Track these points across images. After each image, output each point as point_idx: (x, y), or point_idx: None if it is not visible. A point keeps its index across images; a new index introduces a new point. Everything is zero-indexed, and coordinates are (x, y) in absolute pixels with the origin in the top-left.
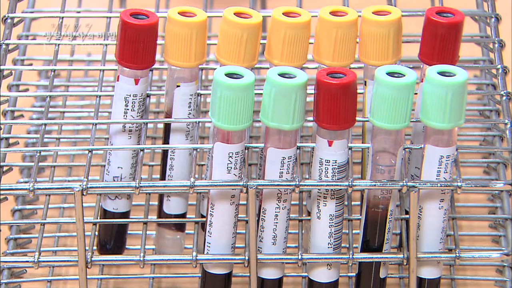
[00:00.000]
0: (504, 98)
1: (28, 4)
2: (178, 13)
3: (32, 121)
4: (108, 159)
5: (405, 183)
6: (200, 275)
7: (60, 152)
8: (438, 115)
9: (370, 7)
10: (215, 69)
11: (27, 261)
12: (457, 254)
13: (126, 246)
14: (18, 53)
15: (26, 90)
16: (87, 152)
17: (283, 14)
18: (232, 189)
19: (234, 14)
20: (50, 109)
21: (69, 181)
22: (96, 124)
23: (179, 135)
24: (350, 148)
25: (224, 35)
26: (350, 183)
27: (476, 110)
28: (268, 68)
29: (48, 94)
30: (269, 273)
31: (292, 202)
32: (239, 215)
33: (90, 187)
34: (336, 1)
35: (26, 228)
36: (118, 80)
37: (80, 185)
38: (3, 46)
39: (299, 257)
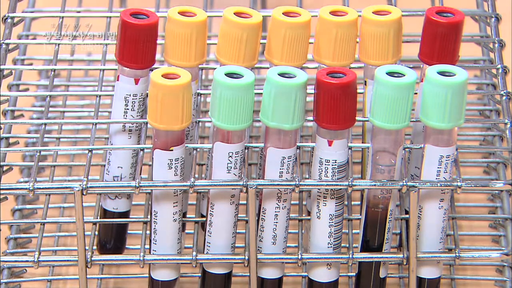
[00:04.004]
0: (504, 98)
1: (28, 4)
2: (178, 13)
3: (32, 121)
4: (108, 159)
5: (405, 183)
6: (200, 275)
7: (60, 152)
8: (438, 115)
9: (370, 7)
10: (215, 69)
11: (27, 261)
12: (457, 254)
13: (126, 246)
14: (18, 53)
15: (26, 90)
16: (87, 152)
17: (283, 14)
18: (232, 189)
19: (234, 14)
20: (50, 109)
21: (69, 181)
22: (96, 124)
23: None
24: (350, 148)
25: (224, 35)
26: (350, 183)
27: (476, 110)
28: (268, 68)
29: (48, 94)
30: (269, 273)
31: (292, 202)
32: (239, 215)
33: (90, 187)
34: (336, 1)
35: (26, 228)
36: (118, 80)
37: (80, 185)
38: (3, 46)
39: (299, 256)
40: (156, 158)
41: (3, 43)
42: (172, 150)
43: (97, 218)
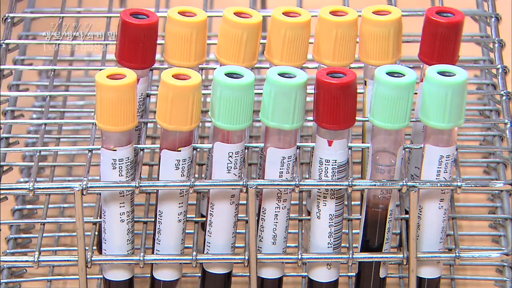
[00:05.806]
0: (504, 98)
1: (28, 4)
2: (178, 13)
3: (32, 121)
4: None
5: (405, 183)
6: (200, 275)
7: (60, 152)
8: (438, 115)
9: (370, 7)
10: (215, 69)
11: (27, 261)
12: (457, 254)
13: None
14: (18, 53)
15: (26, 90)
16: (87, 152)
17: (283, 14)
18: (232, 188)
19: (234, 14)
20: (50, 109)
21: (69, 181)
22: (96, 124)
23: None
24: (350, 148)
25: (224, 35)
26: (350, 183)
27: (476, 110)
28: (268, 68)
29: (48, 94)
30: (269, 273)
31: (292, 202)
32: (239, 215)
33: (90, 187)
34: (336, 1)
35: (26, 228)
36: None
37: (80, 185)
38: (3, 46)
39: (299, 256)
40: (163, 158)
41: (3, 43)
42: (179, 150)
43: (97, 218)
